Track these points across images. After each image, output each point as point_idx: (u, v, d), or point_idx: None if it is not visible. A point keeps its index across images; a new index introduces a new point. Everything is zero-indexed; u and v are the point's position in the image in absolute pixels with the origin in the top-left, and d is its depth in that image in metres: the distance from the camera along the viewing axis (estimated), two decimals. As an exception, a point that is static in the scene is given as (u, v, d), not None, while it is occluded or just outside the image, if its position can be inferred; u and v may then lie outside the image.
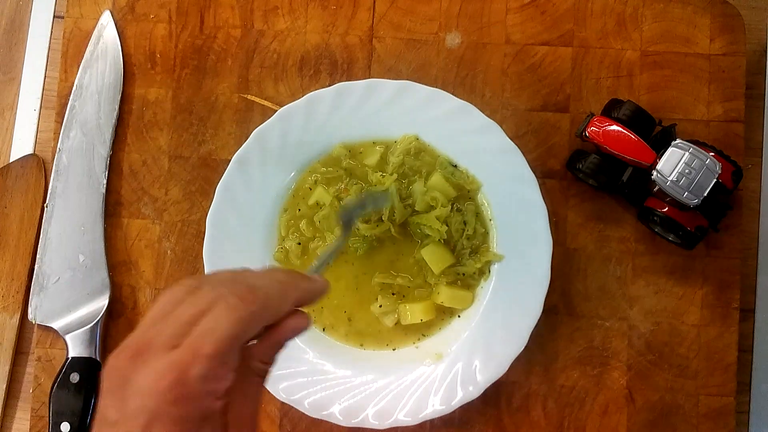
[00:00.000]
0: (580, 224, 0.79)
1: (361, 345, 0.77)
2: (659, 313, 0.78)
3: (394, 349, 0.77)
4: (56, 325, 0.78)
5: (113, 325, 0.79)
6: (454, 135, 0.77)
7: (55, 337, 0.78)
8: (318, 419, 0.73)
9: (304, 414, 0.73)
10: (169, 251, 0.80)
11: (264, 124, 0.76)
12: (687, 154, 0.70)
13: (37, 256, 0.79)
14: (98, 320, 0.78)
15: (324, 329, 0.77)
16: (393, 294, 0.77)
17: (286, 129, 0.76)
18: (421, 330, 0.77)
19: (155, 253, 0.80)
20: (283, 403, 0.74)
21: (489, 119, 0.75)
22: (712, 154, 0.71)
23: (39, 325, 0.79)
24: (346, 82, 0.76)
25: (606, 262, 0.78)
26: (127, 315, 0.80)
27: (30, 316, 0.78)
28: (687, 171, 0.70)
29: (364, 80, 0.76)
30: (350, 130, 0.77)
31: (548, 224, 0.74)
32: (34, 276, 0.79)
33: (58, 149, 0.80)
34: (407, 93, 0.76)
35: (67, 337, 0.77)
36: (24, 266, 0.80)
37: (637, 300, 0.78)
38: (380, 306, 0.76)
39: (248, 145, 0.76)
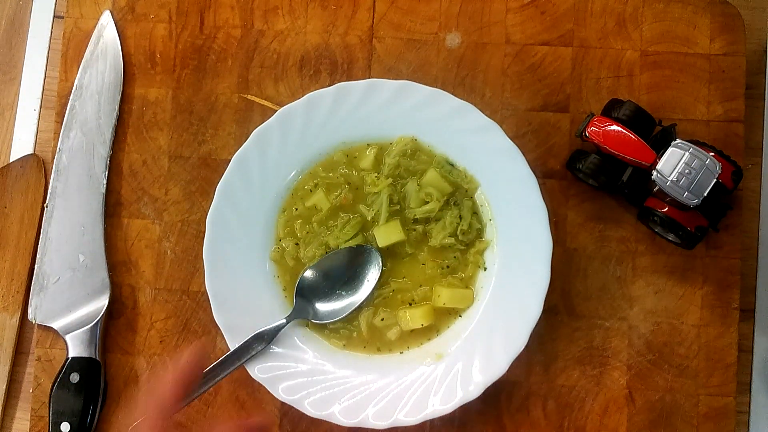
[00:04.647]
0: (580, 224, 0.79)
1: (378, 349, 0.77)
2: (659, 313, 0.78)
3: (401, 353, 0.77)
4: (56, 325, 0.78)
5: (113, 325, 0.79)
6: (453, 135, 0.77)
7: (55, 337, 0.78)
8: (318, 419, 0.73)
9: (304, 414, 0.73)
10: (169, 251, 0.80)
11: (264, 124, 0.76)
12: (687, 154, 0.70)
13: (37, 256, 0.79)
14: (98, 320, 0.77)
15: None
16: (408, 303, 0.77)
17: (286, 129, 0.76)
18: (432, 331, 0.76)
19: (155, 253, 0.80)
20: (283, 403, 0.74)
21: (489, 119, 0.75)
22: (712, 154, 0.71)
23: (39, 325, 0.79)
24: (346, 82, 0.76)
25: (606, 262, 0.78)
26: (127, 315, 0.80)
27: (30, 316, 0.78)
28: (687, 171, 0.70)
29: (364, 80, 0.76)
30: (350, 131, 0.77)
31: (548, 224, 0.74)
32: (34, 276, 0.79)
33: (58, 149, 0.80)
34: (407, 93, 0.76)
35: (67, 337, 0.77)
36: (24, 266, 0.80)
37: (637, 300, 0.78)
38: (382, 319, 0.76)
39: (248, 145, 0.76)
